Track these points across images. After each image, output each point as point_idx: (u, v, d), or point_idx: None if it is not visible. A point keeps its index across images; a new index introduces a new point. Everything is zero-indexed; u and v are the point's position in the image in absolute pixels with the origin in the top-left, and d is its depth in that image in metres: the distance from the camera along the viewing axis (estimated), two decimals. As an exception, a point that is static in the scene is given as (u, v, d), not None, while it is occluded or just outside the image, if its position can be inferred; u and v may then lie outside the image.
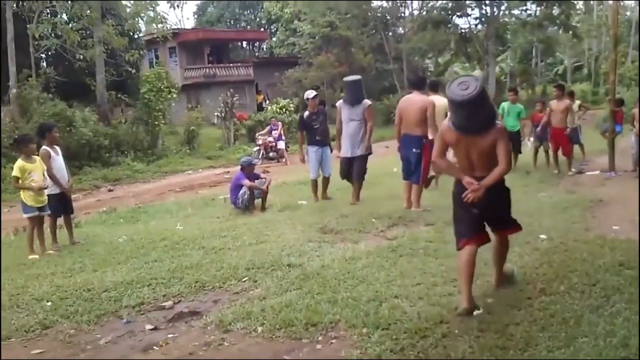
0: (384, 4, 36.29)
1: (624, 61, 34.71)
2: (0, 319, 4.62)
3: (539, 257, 5.24)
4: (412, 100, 7.86)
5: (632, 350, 3.36)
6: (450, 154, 4.57)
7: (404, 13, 36.74)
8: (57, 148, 7.53)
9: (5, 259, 6.94)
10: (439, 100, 8.15)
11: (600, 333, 3.57)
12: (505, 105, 12.08)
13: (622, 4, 42.42)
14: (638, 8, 35.98)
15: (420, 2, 36.09)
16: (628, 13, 44.57)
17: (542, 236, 5.93)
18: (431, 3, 35.19)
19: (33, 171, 7.10)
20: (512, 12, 35.14)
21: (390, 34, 36.33)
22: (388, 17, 36.07)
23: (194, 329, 4.27)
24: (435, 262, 5.33)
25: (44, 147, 7.36)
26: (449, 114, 4.30)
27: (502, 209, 4.42)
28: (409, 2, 36.30)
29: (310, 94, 9.40)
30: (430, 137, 7.57)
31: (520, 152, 11.89)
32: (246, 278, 5.30)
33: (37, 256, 6.97)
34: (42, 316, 4.65)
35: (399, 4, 36.30)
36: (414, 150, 7.84)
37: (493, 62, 34.80)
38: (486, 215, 4.28)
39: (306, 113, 9.38)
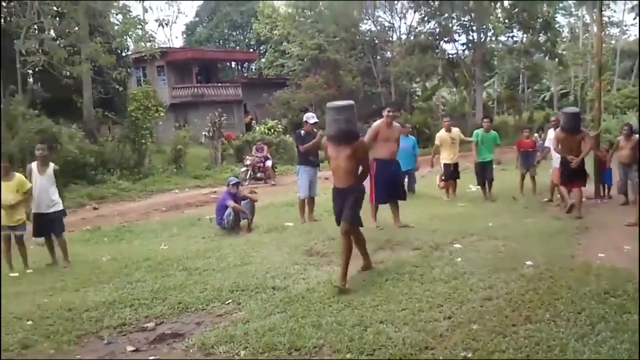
0: (372, 27, 36.68)
1: (609, 89, 35.24)
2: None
3: (525, 284, 5.23)
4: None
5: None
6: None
7: (392, 37, 37.15)
8: (46, 167, 7.37)
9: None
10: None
11: (585, 362, 3.55)
12: (479, 132, 11.81)
13: (606, 32, 43.32)
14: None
15: (408, 26, 36.56)
16: (613, 41, 45.45)
17: (528, 262, 5.93)
18: (419, 28, 35.63)
19: (5, 190, 7.00)
20: (499, 38, 35.67)
21: (379, 57, 36.68)
22: (376, 41, 36.44)
23: (176, 351, 4.20)
24: (421, 287, 5.30)
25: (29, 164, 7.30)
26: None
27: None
28: (397, 26, 36.77)
29: (310, 118, 9.43)
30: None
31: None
32: (230, 300, 5.24)
33: (17, 274, 6.86)
34: (21, 335, 4.58)
35: (387, 29, 36.72)
36: None
37: (480, 87, 35.18)
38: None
39: (302, 131, 9.44)
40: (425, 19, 34.88)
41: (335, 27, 33.53)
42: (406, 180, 11.69)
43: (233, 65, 44.48)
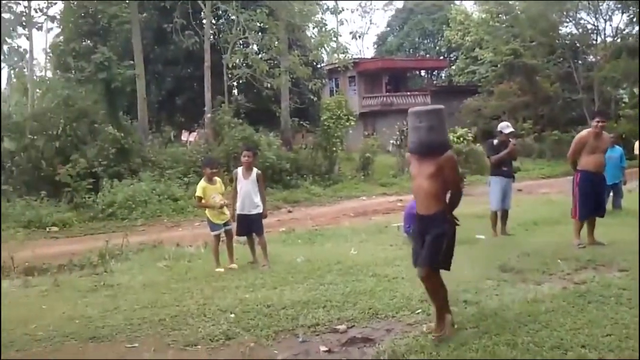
0: (574, 30, 34.18)
1: None
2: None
3: None
4: None
5: None
6: None
7: (596, 40, 34.30)
8: (250, 172, 7.89)
9: (195, 270, 7.57)
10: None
11: None
12: None
13: None
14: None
15: (614, 29, 33.54)
16: None
17: None
18: (626, 30, 32.48)
19: (214, 192, 7.68)
20: None
21: (580, 62, 34.11)
22: (578, 45, 33.92)
23: (367, 356, 4.25)
24: (629, 312, 4.77)
25: (235, 170, 7.97)
26: None
27: None
28: (601, 28, 33.86)
29: (505, 128, 9.13)
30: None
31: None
32: (420, 310, 5.18)
33: (222, 269, 7.48)
34: (225, 327, 4.93)
35: (590, 31, 34.01)
36: None
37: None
38: None
39: (495, 141, 9.17)
40: (634, 20, 31.71)
41: (532, 31, 31.85)
42: (611, 194, 10.74)
43: (422, 74, 44.42)
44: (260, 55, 23.54)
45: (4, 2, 22.95)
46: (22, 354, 4.62)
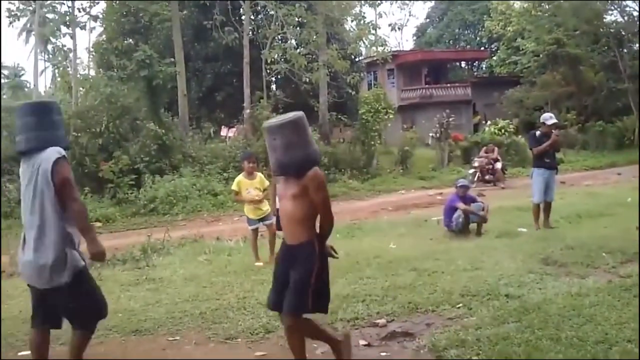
0: (619, 18, 33.12)
1: None
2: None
3: None
4: None
5: None
6: None
7: (643, 28, 33.18)
8: None
9: (234, 264, 7.64)
10: None
11: None
12: None
13: None
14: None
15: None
16: None
17: None
18: (675, 16, 31.23)
19: (250, 187, 7.71)
20: None
21: (625, 50, 33.03)
22: (623, 33, 32.85)
23: (407, 350, 4.24)
24: (676, 306, 4.63)
25: None
26: None
27: None
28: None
29: (549, 119, 8.94)
30: None
31: None
32: (460, 304, 5.12)
33: (261, 263, 7.53)
34: (265, 320, 4.97)
35: (636, 19, 32.87)
36: None
37: None
38: None
39: (538, 132, 9.00)
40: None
41: (575, 19, 30.99)
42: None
43: (463, 65, 43.78)
44: (298, 50, 23.57)
45: (48, 2, 23.60)
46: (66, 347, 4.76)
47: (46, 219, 3.69)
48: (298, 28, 23.60)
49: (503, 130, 25.59)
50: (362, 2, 26.72)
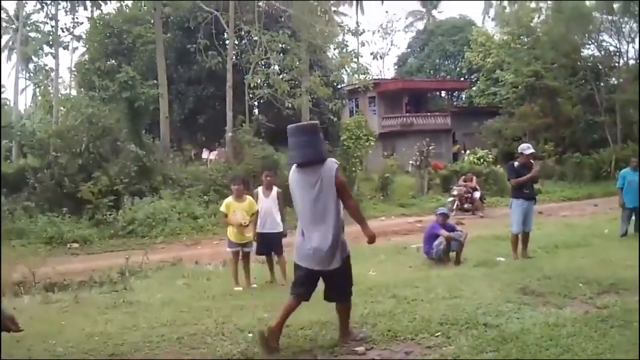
0: (596, 52, 33.94)
1: None
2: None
3: None
4: None
5: None
6: None
7: (618, 62, 34.05)
8: (270, 190, 7.94)
9: (213, 289, 7.58)
10: None
11: None
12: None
13: None
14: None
15: (637, 51, 33.23)
16: None
17: None
18: (651, 52, 32.13)
19: (238, 209, 7.68)
20: None
21: (602, 84, 33.83)
22: (600, 67, 33.69)
23: (385, 379, 4.22)
24: (653, 337, 4.69)
25: (256, 189, 7.99)
26: None
27: None
28: (624, 50, 33.56)
29: (526, 149, 9.05)
30: None
31: None
32: (439, 333, 5.12)
33: (241, 288, 7.48)
34: (243, 346, 4.92)
35: (612, 53, 33.75)
36: None
37: None
38: None
39: (516, 163, 9.09)
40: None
41: (553, 53, 31.72)
42: (633, 217, 10.62)
43: (443, 95, 44.40)
44: (281, 76, 23.78)
45: (31, 21, 23.48)
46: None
47: (329, 213, 4.77)
48: (281, 54, 23.83)
49: (482, 160, 25.88)
50: (345, 30, 27.06)
